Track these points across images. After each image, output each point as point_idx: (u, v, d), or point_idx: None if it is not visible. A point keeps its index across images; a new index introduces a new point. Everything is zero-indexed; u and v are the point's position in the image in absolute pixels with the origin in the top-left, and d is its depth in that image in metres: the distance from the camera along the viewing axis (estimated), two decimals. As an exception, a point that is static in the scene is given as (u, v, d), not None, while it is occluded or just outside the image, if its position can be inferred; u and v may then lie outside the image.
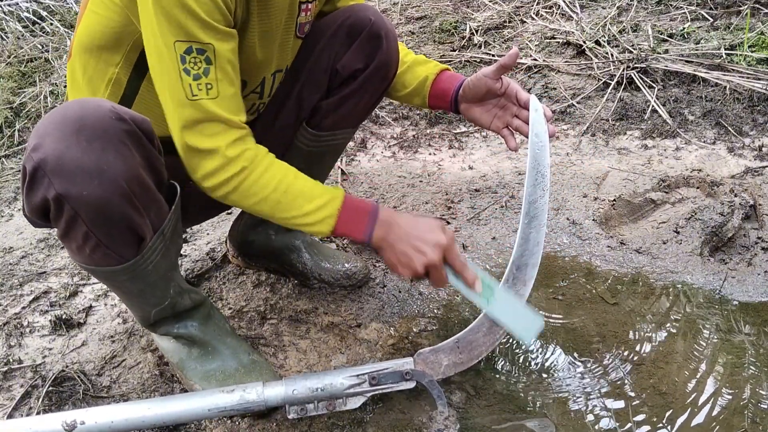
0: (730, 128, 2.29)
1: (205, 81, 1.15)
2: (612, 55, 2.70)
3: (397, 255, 1.27)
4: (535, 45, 2.91)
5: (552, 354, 1.53)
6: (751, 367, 1.47)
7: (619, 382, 1.45)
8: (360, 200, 1.29)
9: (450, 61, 2.88)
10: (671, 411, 1.37)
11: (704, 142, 2.26)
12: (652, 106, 2.43)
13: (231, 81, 1.19)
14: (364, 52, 1.43)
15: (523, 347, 1.55)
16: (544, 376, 1.48)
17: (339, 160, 2.28)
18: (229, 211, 1.93)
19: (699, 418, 1.35)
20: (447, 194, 2.13)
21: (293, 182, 1.24)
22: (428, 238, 1.26)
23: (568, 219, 1.97)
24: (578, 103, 2.53)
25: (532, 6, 3.21)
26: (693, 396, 1.40)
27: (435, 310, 1.67)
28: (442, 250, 1.26)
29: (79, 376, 1.50)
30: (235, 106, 1.21)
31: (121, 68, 1.27)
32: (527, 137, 1.40)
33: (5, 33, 3.29)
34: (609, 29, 2.86)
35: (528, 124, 1.40)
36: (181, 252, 1.89)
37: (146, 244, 1.21)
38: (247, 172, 1.21)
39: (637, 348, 1.53)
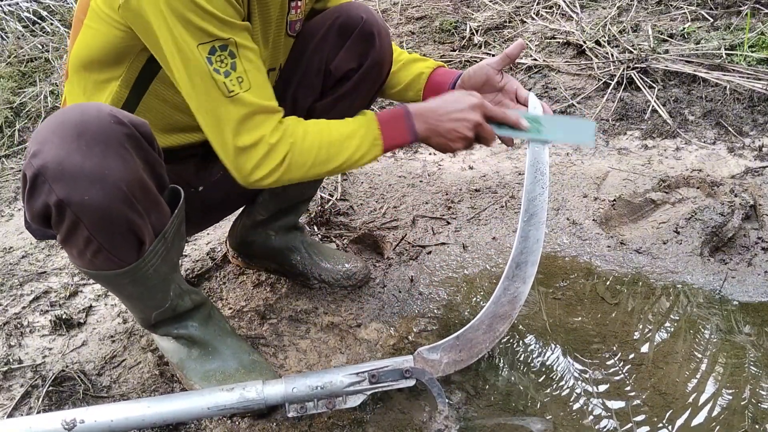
0: (730, 128, 2.29)
1: (235, 75, 1.16)
2: (612, 55, 2.70)
3: (444, 136, 1.31)
4: (535, 45, 2.91)
5: (552, 354, 1.53)
6: (751, 367, 1.46)
7: (619, 382, 1.45)
8: (389, 111, 1.32)
9: (450, 61, 2.88)
10: (671, 411, 1.37)
11: (704, 142, 2.26)
12: (652, 106, 2.43)
13: (258, 68, 1.20)
14: (357, 51, 1.42)
15: (523, 346, 1.55)
16: (544, 376, 1.48)
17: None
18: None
19: (699, 418, 1.35)
20: (447, 194, 2.13)
21: (330, 131, 1.26)
22: (463, 106, 1.30)
23: (568, 219, 1.97)
24: (578, 103, 2.53)
25: (532, 6, 3.21)
26: (693, 396, 1.40)
27: (435, 310, 1.67)
28: (480, 109, 1.30)
29: (79, 376, 1.50)
30: (267, 92, 1.22)
31: (121, 82, 1.26)
32: None
33: (5, 33, 3.29)
34: (609, 29, 2.86)
35: None
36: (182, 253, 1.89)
37: (147, 247, 1.21)
38: (292, 149, 1.22)
39: (637, 348, 1.53)
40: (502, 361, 1.52)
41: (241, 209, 1.74)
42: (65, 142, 1.06)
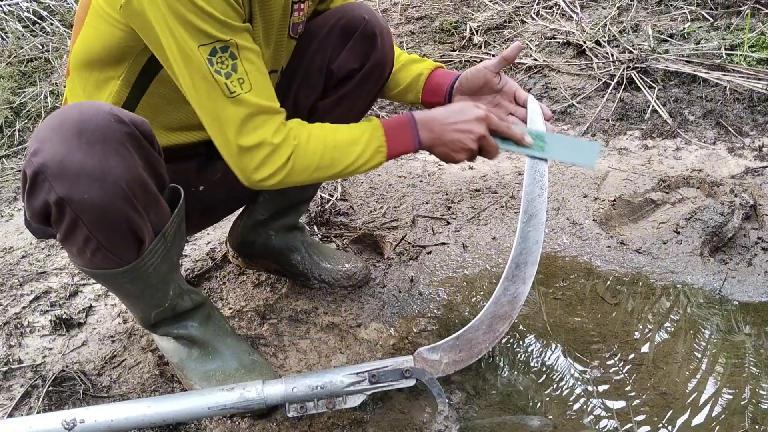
0: (730, 128, 2.29)
1: (236, 77, 1.16)
2: (612, 55, 2.70)
3: (448, 146, 1.32)
4: (535, 45, 2.91)
5: (552, 354, 1.53)
6: (751, 367, 1.46)
7: (619, 382, 1.45)
8: (395, 118, 1.32)
9: (450, 61, 2.88)
10: (671, 411, 1.37)
11: (704, 142, 2.26)
12: (653, 106, 2.43)
13: (259, 69, 1.20)
14: (359, 51, 1.43)
15: (523, 346, 1.55)
16: (544, 376, 1.48)
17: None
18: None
19: (699, 418, 1.35)
20: (447, 194, 2.13)
21: (334, 136, 1.26)
22: (468, 117, 1.31)
23: (568, 219, 1.97)
24: (578, 103, 2.53)
25: (532, 6, 3.21)
26: (693, 396, 1.40)
27: (435, 310, 1.67)
28: (485, 122, 1.31)
29: (79, 376, 1.50)
30: (268, 93, 1.22)
31: (122, 82, 1.26)
32: None
33: (5, 33, 3.29)
34: (609, 29, 2.86)
35: (524, 122, 1.40)
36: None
37: (146, 246, 1.21)
38: (296, 151, 1.22)
39: (637, 348, 1.53)
40: (502, 361, 1.52)
41: (241, 209, 1.74)
42: (66, 140, 1.06)
